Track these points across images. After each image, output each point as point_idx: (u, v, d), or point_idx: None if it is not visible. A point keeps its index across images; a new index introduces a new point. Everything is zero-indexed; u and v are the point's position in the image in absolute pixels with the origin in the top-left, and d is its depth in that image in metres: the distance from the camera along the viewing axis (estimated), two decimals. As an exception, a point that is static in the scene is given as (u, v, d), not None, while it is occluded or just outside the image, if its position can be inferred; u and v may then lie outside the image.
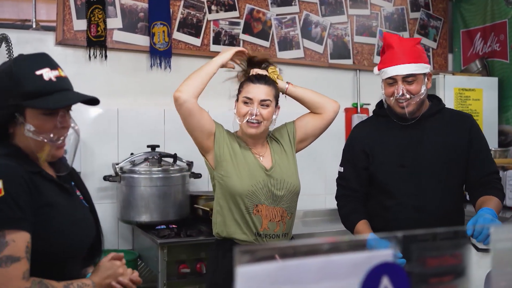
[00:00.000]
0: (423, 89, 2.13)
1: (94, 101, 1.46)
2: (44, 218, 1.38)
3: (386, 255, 0.73)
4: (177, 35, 3.43)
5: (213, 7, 3.53)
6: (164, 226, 2.91)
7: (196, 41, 3.49)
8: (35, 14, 3.19)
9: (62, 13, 3.14)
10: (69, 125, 1.46)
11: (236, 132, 2.30)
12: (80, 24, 3.17)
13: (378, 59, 4.01)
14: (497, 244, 0.83)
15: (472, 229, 1.78)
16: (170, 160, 3.09)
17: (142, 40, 3.33)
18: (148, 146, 3.15)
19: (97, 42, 3.19)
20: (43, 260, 1.37)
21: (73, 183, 1.59)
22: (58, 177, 1.51)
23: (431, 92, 2.28)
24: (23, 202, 1.33)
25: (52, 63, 1.44)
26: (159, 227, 2.90)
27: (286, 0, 3.76)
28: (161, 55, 3.35)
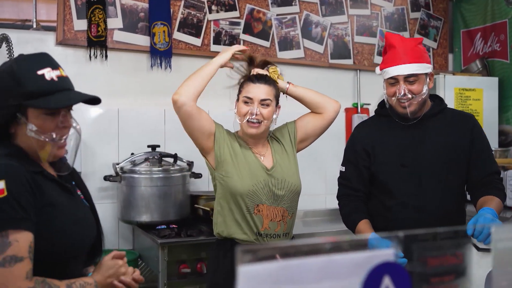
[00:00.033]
0: (425, 89, 2.13)
1: (96, 101, 1.47)
2: (47, 218, 1.38)
3: (388, 255, 0.73)
4: (178, 35, 3.43)
5: (214, 7, 3.53)
6: (165, 226, 2.91)
7: (197, 41, 3.49)
8: (36, 14, 3.19)
9: (63, 13, 3.14)
10: (71, 125, 1.46)
11: (237, 132, 2.30)
12: (81, 24, 3.17)
13: (379, 59, 4.03)
14: (498, 244, 0.83)
15: (473, 229, 1.78)
16: (171, 160, 3.09)
17: (143, 40, 3.33)
18: (149, 146, 3.15)
19: (98, 42, 3.20)
20: (45, 260, 1.38)
21: (74, 183, 1.59)
22: (59, 177, 1.51)
23: (431, 92, 2.28)
24: (26, 202, 1.33)
25: (53, 63, 1.45)
26: (160, 227, 2.90)
27: (287, 0, 3.75)
28: (162, 55, 3.35)
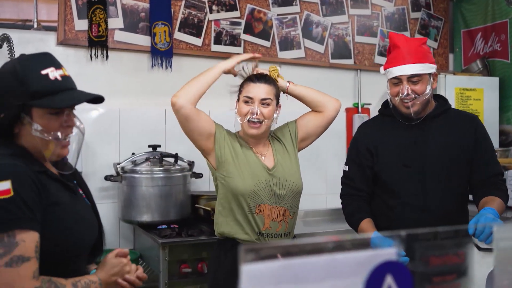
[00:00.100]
0: (428, 89, 2.13)
1: (99, 99, 1.48)
2: (51, 217, 1.39)
3: (390, 254, 0.73)
4: (178, 35, 3.43)
5: (214, 7, 3.53)
6: (165, 226, 2.91)
7: (197, 41, 3.49)
8: (37, 14, 3.19)
9: (64, 13, 3.14)
10: (74, 124, 1.47)
11: (238, 132, 2.30)
12: (82, 24, 3.18)
13: (379, 59, 4.03)
14: (500, 243, 0.83)
15: (474, 228, 1.78)
16: (171, 160, 3.09)
17: (143, 40, 3.33)
18: (149, 146, 3.15)
19: (99, 42, 3.20)
20: (50, 259, 1.38)
21: (75, 182, 1.60)
22: (62, 176, 1.52)
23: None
24: (32, 202, 1.34)
25: (56, 63, 1.45)
26: (160, 227, 2.90)
27: (287, 0, 3.76)
28: (162, 55, 3.35)
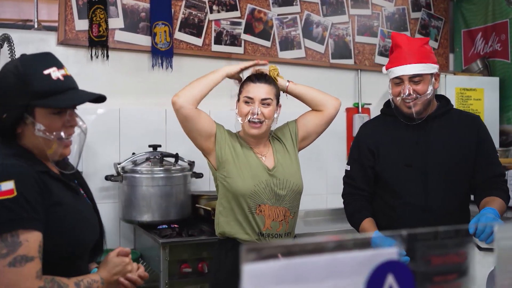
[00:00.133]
0: (430, 89, 2.13)
1: (101, 99, 1.48)
2: (54, 217, 1.39)
3: (391, 253, 0.73)
4: (179, 35, 3.43)
5: (215, 7, 3.53)
6: (166, 226, 2.91)
7: (198, 41, 3.49)
8: (37, 14, 3.19)
9: (64, 13, 3.14)
10: (77, 123, 1.47)
11: (238, 132, 2.30)
12: (82, 24, 3.18)
13: (380, 59, 4.03)
14: (501, 242, 0.83)
15: (474, 228, 1.78)
16: (172, 160, 3.09)
17: (144, 40, 3.33)
18: (150, 146, 3.15)
19: (99, 42, 3.20)
20: (52, 258, 1.38)
21: (76, 182, 1.60)
22: (63, 176, 1.52)
23: (432, 92, 2.28)
24: (35, 202, 1.34)
25: (58, 62, 1.46)
26: (161, 227, 2.90)
27: (287, 0, 3.76)
28: (163, 55, 3.35)
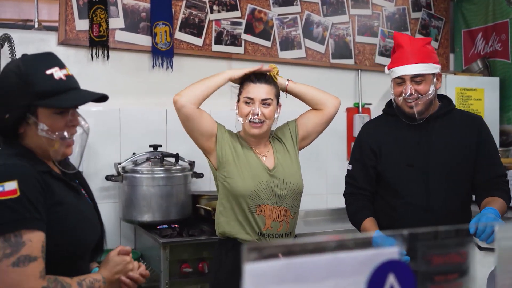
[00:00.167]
0: (432, 89, 2.13)
1: (103, 98, 1.49)
2: (56, 217, 1.39)
3: (392, 253, 0.73)
4: (179, 35, 3.43)
5: (215, 7, 3.53)
6: (166, 226, 2.91)
7: (198, 41, 3.49)
8: (38, 14, 3.19)
9: (65, 13, 3.14)
10: (79, 123, 1.47)
11: (239, 132, 2.30)
12: (82, 24, 3.18)
13: (380, 59, 4.03)
14: (502, 242, 0.83)
15: (475, 227, 1.78)
16: (172, 160, 3.09)
17: (144, 40, 3.33)
18: (150, 146, 3.15)
19: (99, 42, 3.20)
20: (54, 258, 1.38)
21: (77, 182, 1.60)
22: (65, 176, 1.52)
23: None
24: (38, 202, 1.34)
25: (60, 62, 1.46)
26: (161, 227, 2.90)
27: (288, 0, 3.76)
28: (163, 55, 3.36)
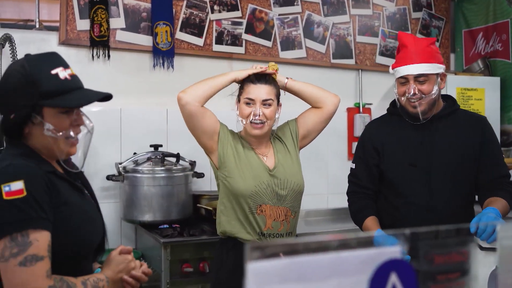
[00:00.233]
0: (435, 89, 2.13)
1: (106, 98, 1.49)
2: (62, 217, 1.40)
3: (394, 252, 0.74)
4: (180, 35, 3.43)
5: (216, 7, 3.53)
6: (167, 226, 2.92)
7: (199, 41, 3.49)
8: (38, 14, 3.20)
9: (65, 13, 3.15)
10: (83, 122, 1.48)
11: (240, 133, 2.30)
12: (83, 24, 3.18)
13: (381, 59, 4.04)
14: (504, 242, 0.83)
15: (476, 227, 1.78)
16: (173, 160, 3.09)
17: (145, 40, 3.34)
18: (151, 146, 3.15)
19: (100, 42, 3.20)
20: (59, 257, 1.38)
21: (80, 181, 1.60)
22: (69, 176, 1.52)
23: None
24: (44, 202, 1.34)
25: (64, 62, 1.47)
26: (162, 227, 2.91)
27: (289, 0, 3.76)
28: (164, 55, 3.36)
